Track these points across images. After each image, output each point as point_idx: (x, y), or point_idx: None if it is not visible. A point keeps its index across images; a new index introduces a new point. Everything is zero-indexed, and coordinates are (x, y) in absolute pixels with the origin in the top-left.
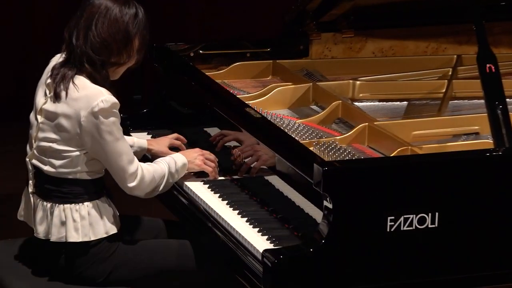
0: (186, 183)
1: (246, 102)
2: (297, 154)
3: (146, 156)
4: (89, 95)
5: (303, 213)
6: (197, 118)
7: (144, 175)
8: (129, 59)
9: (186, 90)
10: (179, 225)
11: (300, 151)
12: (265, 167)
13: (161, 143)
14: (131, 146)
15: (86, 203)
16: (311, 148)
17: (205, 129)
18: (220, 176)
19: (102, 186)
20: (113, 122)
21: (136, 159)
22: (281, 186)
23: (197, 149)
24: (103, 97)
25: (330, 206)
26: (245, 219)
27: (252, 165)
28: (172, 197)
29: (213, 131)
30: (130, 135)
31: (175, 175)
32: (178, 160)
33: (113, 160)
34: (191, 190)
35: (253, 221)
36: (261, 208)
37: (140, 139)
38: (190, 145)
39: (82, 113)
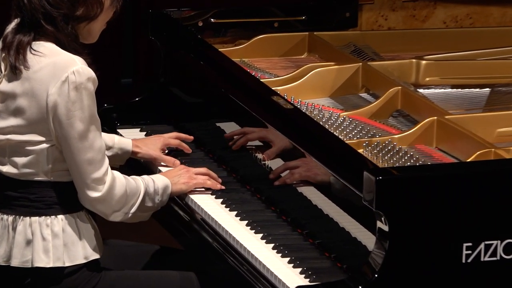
0: (191, 196)
1: (273, 88)
2: (341, 158)
3: (138, 161)
4: (57, 64)
5: (349, 237)
6: (207, 110)
7: (114, 186)
8: (102, 9)
9: (193, 72)
10: (182, 253)
11: (345, 154)
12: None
13: (152, 144)
14: (110, 147)
15: (60, 216)
16: (360, 150)
17: (217, 124)
18: (237, 187)
19: None
20: (87, 105)
21: (107, 162)
22: (320, 201)
23: (180, 166)
24: (75, 67)
25: (386, 228)
26: (271, 245)
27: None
28: (172, 215)
29: (228, 126)
30: (117, 132)
31: (155, 198)
32: (157, 180)
33: (76, 156)
34: (197, 205)
35: (282, 249)
36: (292, 230)
37: (123, 138)
38: (197, 145)
39: (49, 88)
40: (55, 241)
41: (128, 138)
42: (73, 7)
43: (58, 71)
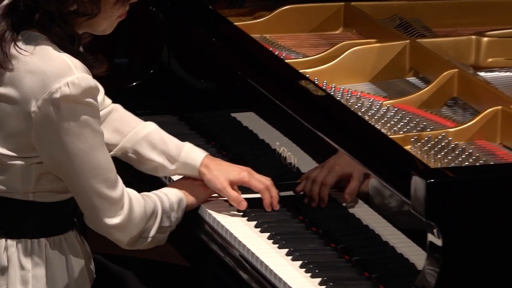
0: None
1: (300, 71)
2: (384, 157)
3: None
4: (49, 71)
5: (393, 253)
6: (220, 97)
7: (133, 208)
8: (99, 9)
9: (203, 51)
10: (190, 272)
11: (389, 151)
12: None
13: (227, 171)
14: (175, 161)
15: (43, 240)
16: (407, 147)
17: (232, 114)
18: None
19: (70, 213)
20: (85, 120)
21: (120, 180)
22: (358, 210)
23: (185, 179)
24: (70, 78)
25: (439, 242)
26: (299, 263)
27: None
28: (176, 224)
29: (246, 117)
30: None
31: (171, 216)
32: (170, 193)
33: (83, 181)
34: (208, 213)
35: (312, 267)
36: (324, 245)
37: (197, 149)
38: (208, 140)
39: (36, 99)
40: (36, 271)
41: (203, 152)
42: (60, 4)
43: (49, 79)
